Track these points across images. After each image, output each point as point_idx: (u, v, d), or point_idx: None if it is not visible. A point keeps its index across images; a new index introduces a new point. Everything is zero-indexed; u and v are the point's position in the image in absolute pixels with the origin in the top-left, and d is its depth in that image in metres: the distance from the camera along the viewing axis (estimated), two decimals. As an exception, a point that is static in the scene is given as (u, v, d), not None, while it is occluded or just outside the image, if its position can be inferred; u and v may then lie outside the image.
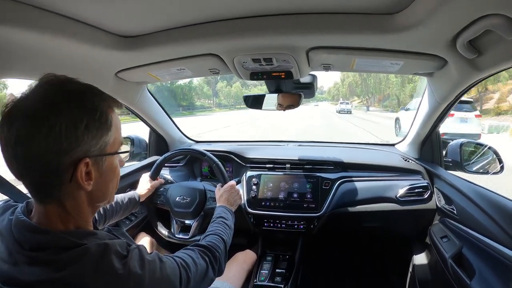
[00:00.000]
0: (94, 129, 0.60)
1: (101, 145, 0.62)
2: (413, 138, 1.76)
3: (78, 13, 0.89)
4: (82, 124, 0.57)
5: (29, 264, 0.56)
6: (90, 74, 1.26)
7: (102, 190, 0.67)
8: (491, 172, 1.44)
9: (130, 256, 0.61)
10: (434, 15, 0.78)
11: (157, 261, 0.68)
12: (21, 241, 0.58)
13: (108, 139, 0.63)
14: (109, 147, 0.64)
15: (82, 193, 0.63)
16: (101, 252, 0.58)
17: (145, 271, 0.62)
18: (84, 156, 0.59)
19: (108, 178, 0.67)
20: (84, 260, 0.56)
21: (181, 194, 1.53)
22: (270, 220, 1.67)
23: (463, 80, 1.13)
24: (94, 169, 0.62)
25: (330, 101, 76.96)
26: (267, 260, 1.70)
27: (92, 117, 0.60)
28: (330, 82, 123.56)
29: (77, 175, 0.59)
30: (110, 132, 0.63)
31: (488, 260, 1.06)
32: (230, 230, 1.13)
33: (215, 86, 60.95)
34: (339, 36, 1.00)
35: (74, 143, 0.57)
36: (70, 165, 0.58)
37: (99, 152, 0.62)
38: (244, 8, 0.91)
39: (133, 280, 0.59)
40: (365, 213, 1.60)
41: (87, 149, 0.59)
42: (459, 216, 1.29)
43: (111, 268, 0.58)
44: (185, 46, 1.11)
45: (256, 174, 1.76)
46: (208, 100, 61.86)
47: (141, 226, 1.76)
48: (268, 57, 1.15)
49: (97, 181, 0.63)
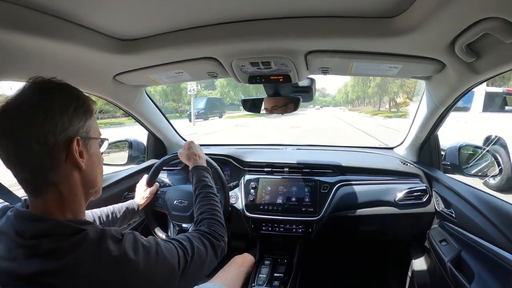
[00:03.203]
0: (81, 113, 0.67)
1: (87, 129, 0.69)
2: (411, 141, 1.76)
3: (76, 17, 0.89)
4: (71, 107, 0.65)
5: (29, 256, 0.57)
6: (88, 77, 1.26)
7: (93, 174, 0.72)
8: (490, 175, 1.44)
9: (125, 239, 0.65)
10: (432, 19, 0.78)
11: (153, 243, 0.71)
12: (22, 231, 0.60)
13: (91, 124, 0.71)
14: (92, 132, 0.71)
15: (76, 175, 0.67)
16: (99, 237, 0.61)
17: (139, 253, 0.65)
18: (75, 135, 0.65)
19: (95, 162, 0.73)
20: (84, 246, 0.59)
21: (178, 198, 1.53)
22: (269, 224, 1.66)
23: (462, 83, 1.13)
24: (84, 150, 0.68)
25: (341, 106, 69.68)
26: (265, 264, 1.69)
27: (78, 102, 0.67)
28: (332, 83, 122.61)
29: (72, 153, 0.64)
30: (92, 118, 0.71)
31: (487, 263, 1.06)
32: (219, 202, 1.13)
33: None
34: (338, 39, 1.00)
35: (66, 122, 0.63)
36: (65, 144, 0.64)
37: (86, 134, 0.69)
38: (242, 11, 0.91)
39: (128, 262, 0.62)
40: (364, 217, 1.60)
41: (77, 129, 0.66)
42: (458, 220, 1.28)
43: (107, 251, 0.61)
44: (183, 49, 1.11)
45: (254, 178, 1.75)
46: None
47: (139, 230, 1.75)
48: (266, 61, 1.14)
49: (87, 163, 0.69)
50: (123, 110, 1.72)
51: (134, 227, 1.72)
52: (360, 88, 43.81)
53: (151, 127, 1.96)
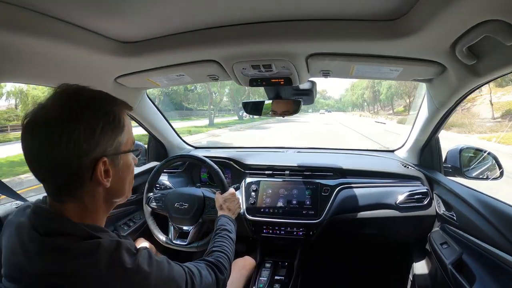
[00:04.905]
0: (109, 131, 0.65)
1: (116, 145, 0.67)
2: (412, 144, 1.76)
3: (77, 19, 0.90)
4: (98, 127, 0.62)
5: (40, 253, 0.58)
6: (90, 79, 1.26)
7: (119, 186, 0.72)
8: (491, 177, 1.43)
9: (140, 254, 0.65)
10: (433, 22, 0.78)
11: (165, 262, 0.72)
12: (37, 226, 0.61)
13: (122, 139, 0.68)
14: (123, 146, 0.69)
15: (101, 189, 0.67)
16: (114, 247, 0.62)
17: (153, 269, 0.65)
18: (101, 156, 0.63)
19: (124, 175, 0.72)
20: (100, 252, 0.59)
21: (179, 200, 1.52)
22: (269, 226, 1.66)
23: (462, 86, 1.13)
24: (111, 167, 0.66)
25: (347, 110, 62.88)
26: (266, 267, 1.69)
27: (107, 120, 0.64)
28: (333, 85, 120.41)
29: (96, 174, 0.63)
30: (123, 132, 0.69)
31: (489, 266, 1.06)
32: (233, 245, 1.14)
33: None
34: (339, 42, 1.00)
35: (92, 145, 0.62)
36: (89, 165, 0.62)
37: (115, 151, 0.67)
38: (244, 14, 0.92)
39: (140, 275, 0.62)
40: (365, 220, 1.59)
41: (104, 149, 0.64)
42: (459, 222, 1.28)
43: (121, 262, 0.61)
44: (185, 52, 1.11)
45: (255, 180, 1.75)
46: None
47: (139, 232, 1.75)
48: (267, 64, 1.15)
49: (114, 178, 0.68)
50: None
51: (134, 230, 1.72)
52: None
53: (152, 129, 1.96)
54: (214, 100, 26.95)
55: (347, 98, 71.19)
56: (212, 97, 25.94)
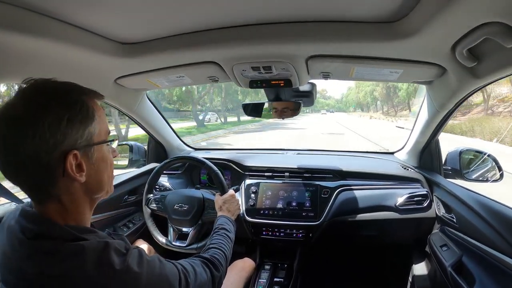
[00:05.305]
0: (78, 122, 0.62)
1: (87, 137, 0.64)
2: (412, 146, 1.76)
3: (78, 19, 0.90)
4: (64, 119, 0.59)
5: (30, 256, 0.57)
6: (89, 80, 1.26)
7: (97, 181, 0.68)
8: (491, 179, 1.43)
9: (129, 254, 0.63)
10: (433, 24, 0.78)
11: (157, 261, 0.70)
12: (24, 230, 0.60)
13: (93, 130, 0.65)
14: (95, 137, 0.66)
15: (77, 185, 0.64)
16: (102, 248, 0.60)
17: (143, 269, 0.64)
18: (71, 149, 0.60)
19: (100, 168, 0.69)
20: (86, 254, 0.58)
21: (179, 202, 1.52)
22: (269, 228, 1.66)
23: (462, 88, 1.13)
24: (84, 160, 0.64)
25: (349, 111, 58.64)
26: (265, 269, 1.68)
27: (74, 111, 0.61)
28: (333, 85, 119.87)
29: (67, 168, 0.60)
30: (94, 123, 0.65)
31: (488, 268, 1.05)
32: (231, 243, 1.14)
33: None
34: (339, 44, 1.00)
35: (60, 138, 0.59)
36: (59, 159, 0.59)
37: (86, 143, 0.64)
38: (244, 16, 0.92)
39: (130, 275, 0.61)
40: (364, 222, 1.59)
41: (73, 142, 0.61)
42: (459, 225, 1.28)
43: (110, 262, 0.59)
44: (185, 53, 1.11)
45: (254, 182, 1.75)
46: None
47: (139, 233, 1.74)
48: (267, 65, 1.15)
49: (90, 172, 0.65)
50: (124, 114, 1.72)
51: (134, 231, 1.71)
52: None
53: (152, 130, 1.96)
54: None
55: (351, 97, 65.71)
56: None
